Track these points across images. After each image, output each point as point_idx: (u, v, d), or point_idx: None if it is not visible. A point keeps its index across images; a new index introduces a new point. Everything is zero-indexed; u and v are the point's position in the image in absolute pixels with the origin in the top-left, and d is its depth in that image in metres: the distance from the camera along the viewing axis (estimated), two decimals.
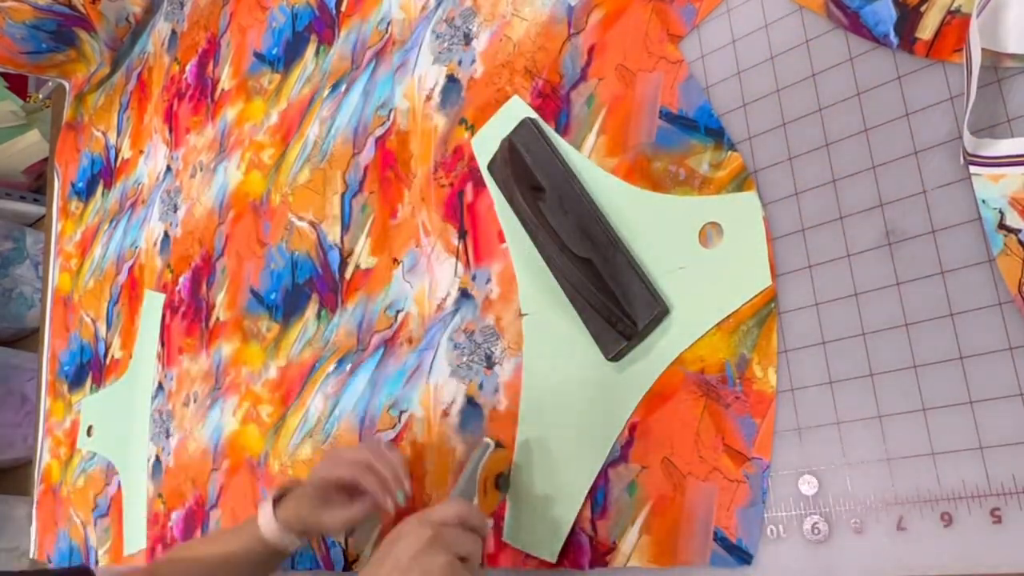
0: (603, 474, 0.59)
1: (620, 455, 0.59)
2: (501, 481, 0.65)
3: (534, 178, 0.65)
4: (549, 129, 0.68)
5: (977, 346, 0.46)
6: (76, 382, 1.25)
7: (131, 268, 1.18)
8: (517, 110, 0.71)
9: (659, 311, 0.58)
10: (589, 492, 0.60)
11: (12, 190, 2.16)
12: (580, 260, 0.60)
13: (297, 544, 0.69)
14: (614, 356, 0.59)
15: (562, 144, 0.67)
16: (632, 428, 0.59)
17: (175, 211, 1.12)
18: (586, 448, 0.60)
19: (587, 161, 0.65)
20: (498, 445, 0.65)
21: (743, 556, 0.52)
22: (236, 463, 0.91)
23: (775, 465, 0.52)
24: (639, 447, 0.58)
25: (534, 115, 0.69)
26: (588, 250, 0.61)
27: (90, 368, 1.22)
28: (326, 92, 0.91)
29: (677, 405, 0.57)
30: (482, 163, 0.72)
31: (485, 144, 0.72)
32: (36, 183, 2.21)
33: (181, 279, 1.07)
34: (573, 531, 0.60)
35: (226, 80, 1.08)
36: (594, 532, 0.59)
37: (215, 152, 1.07)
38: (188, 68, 1.17)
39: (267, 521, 0.67)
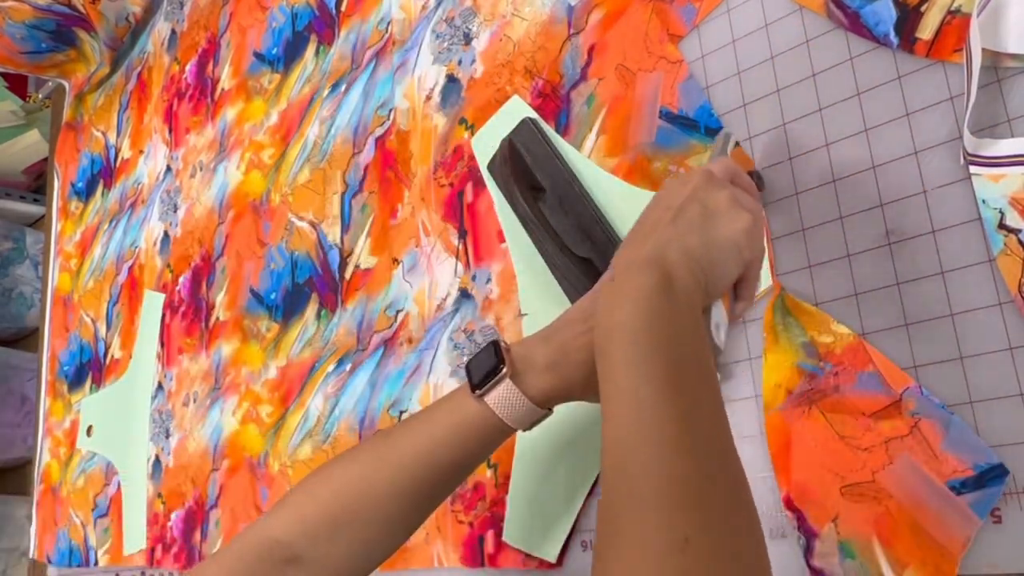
0: None
1: None
2: (754, 178, 0.52)
3: (534, 178, 0.65)
4: (549, 129, 0.68)
5: (977, 346, 0.46)
6: (76, 382, 1.25)
7: (131, 268, 1.18)
8: (517, 110, 0.71)
9: None
10: (589, 492, 0.60)
11: (12, 190, 2.16)
12: (580, 260, 0.60)
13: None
14: None
15: (562, 144, 0.67)
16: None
17: (175, 211, 1.12)
18: (585, 448, 0.60)
19: (587, 161, 0.65)
20: (737, 143, 0.54)
21: None
22: (236, 463, 0.91)
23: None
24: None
25: (534, 115, 0.69)
26: (588, 250, 0.61)
27: (90, 368, 1.22)
28: (326, 92, 0.91)
29: None
30: (482, 163, 0.72)
31: (485, 144, 0.72)
32: (36, 183, 2.21)
33: (181, 279, 1.07)
34: (573, 531, 0.60)
35: (226, 80, 1.08)
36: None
37: (215, 152, 1.07)
38: (188, 68, 1.17)
39: (515, 399, 0.47)
